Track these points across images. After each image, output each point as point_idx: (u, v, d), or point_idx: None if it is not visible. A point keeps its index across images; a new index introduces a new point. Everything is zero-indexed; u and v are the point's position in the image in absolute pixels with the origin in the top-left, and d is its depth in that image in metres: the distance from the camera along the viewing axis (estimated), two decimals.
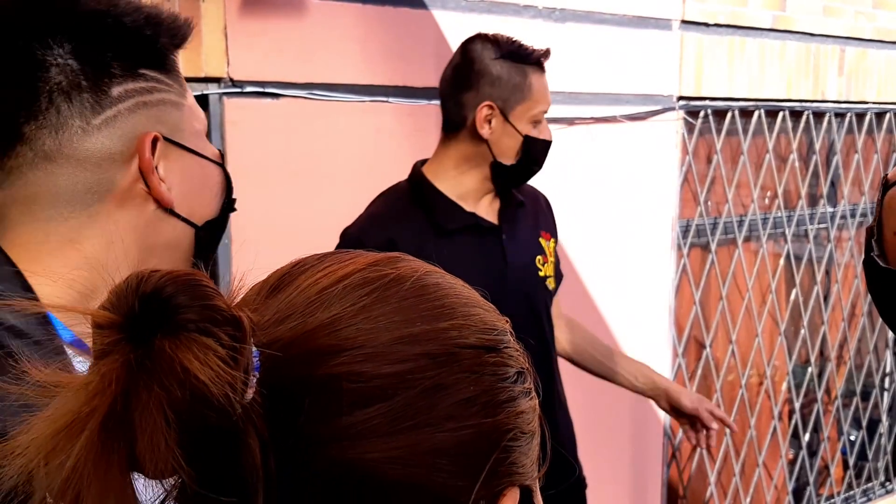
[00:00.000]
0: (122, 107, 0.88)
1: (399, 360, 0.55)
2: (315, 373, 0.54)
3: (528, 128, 1.99)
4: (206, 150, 0.97)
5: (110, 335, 0.51)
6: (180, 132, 0.93)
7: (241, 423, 0.51)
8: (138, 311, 0.50)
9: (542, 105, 2.00)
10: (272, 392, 0.52)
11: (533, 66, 1.99)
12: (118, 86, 0.88)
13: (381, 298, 0.57)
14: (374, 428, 0.53)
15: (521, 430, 0.59)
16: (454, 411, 0.55)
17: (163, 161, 0.91)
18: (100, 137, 0.87)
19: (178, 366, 0.49)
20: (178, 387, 0.49)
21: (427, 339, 0.56)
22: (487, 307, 0.62)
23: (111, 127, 0.88)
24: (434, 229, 1.96)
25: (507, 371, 0.59)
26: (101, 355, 0.51)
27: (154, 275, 0.52)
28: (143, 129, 0.89)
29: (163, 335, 0.50)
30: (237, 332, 0.51)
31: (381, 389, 0.54)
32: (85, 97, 0.86)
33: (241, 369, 0.51)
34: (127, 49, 0.89)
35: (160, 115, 0.91)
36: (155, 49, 0.92)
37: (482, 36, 2.01)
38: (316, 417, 0.53)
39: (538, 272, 2.10)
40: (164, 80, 0.93)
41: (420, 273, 0.60)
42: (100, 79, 0.87)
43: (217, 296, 0.52)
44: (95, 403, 0.49)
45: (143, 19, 0.90)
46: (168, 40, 0.93)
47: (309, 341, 0.54)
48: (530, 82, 1.98)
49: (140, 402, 0.49)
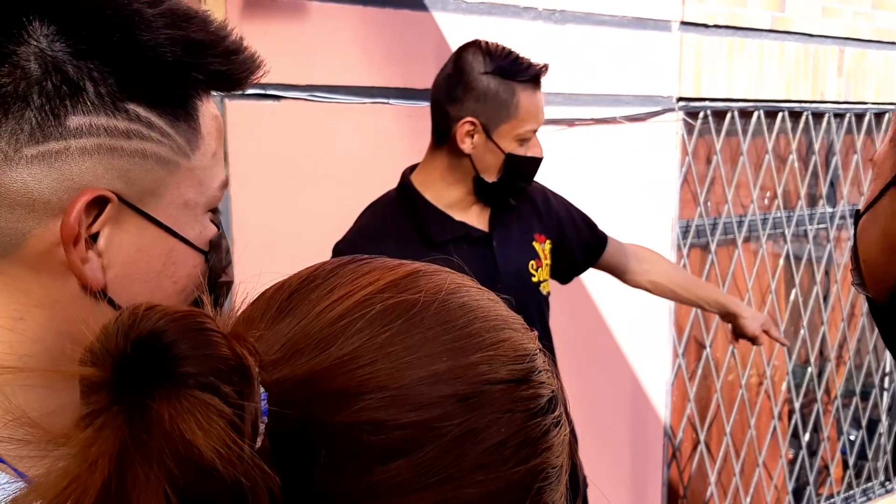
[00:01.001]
0: (75, 144, 0.65)
1: (424, 405, 0.49)
2: (332, 419, 0.48)
3: (512, 146, 1.93)
4: (187, 229, 0.73)
5: (98, 397, 0.44)
6: (154, 198, 0.69)
7: (251, 492, 0.45)
8: (131, 359, 0.44)
9: (529, 124, 1.93)
10: (284, 440, 0.47)
11: (524, 84, 1.91)
12: (81, 115, 0.65)
13: (402, 330, 0.51)
14: (397, 486, 0.48)
15: (552, 465, 0.54)
16: (484, 459, 0.50)
17: (110, 229, 0.67)
18: (24, 174, 0.64)
19: (178, 438, 0.43)
20: (179, 464, 0.43)
21: (454, 377, 0.50)
22: (516, 324, 0.57)
23: (46, 165, 0.64)
24: (424, 242, 1.94)
25: (539, 402, 0.54)
26: (90, 418, 0.44)
27: (150, 314, 0.46)
28: (89, 182, 0.65)
29: (160, 396, 0.44)
30: (244, 383, 0.46)
31: (405, 441, 0.48)
32: (28, 116, 0.63)
33: (249, 427, 0.45)
34: (124, 71, 0.66)
35: (128, 170, 0.67)
36: (174, 84, 0.69)
37: (477, 45, 1.94)
38: (333, 472, 0.48)
39: (531, 278, 2.08)
40: (159, 126, 0.69)
41: (444, 294, 0.53)
42: (59, 98, 0.64)
43: (221, 340, 0.47)
44: (86, 482, 0.43)
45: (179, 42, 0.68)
46: (204, 78, 0.71)
47: (324, 382, 0.49)
48: (518, 101, 1.90)
49: (137, 481, 0.43)
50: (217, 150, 0.75)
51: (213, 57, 0.70)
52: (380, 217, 2.01)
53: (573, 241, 2.23)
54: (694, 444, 3.69)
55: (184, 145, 0.71)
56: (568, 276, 2.31)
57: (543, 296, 2.11)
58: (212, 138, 0.74)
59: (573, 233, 2.24)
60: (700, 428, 3.65)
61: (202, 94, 0.72)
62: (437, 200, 1.99)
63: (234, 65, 0.72)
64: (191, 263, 0.74)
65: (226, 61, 0.71)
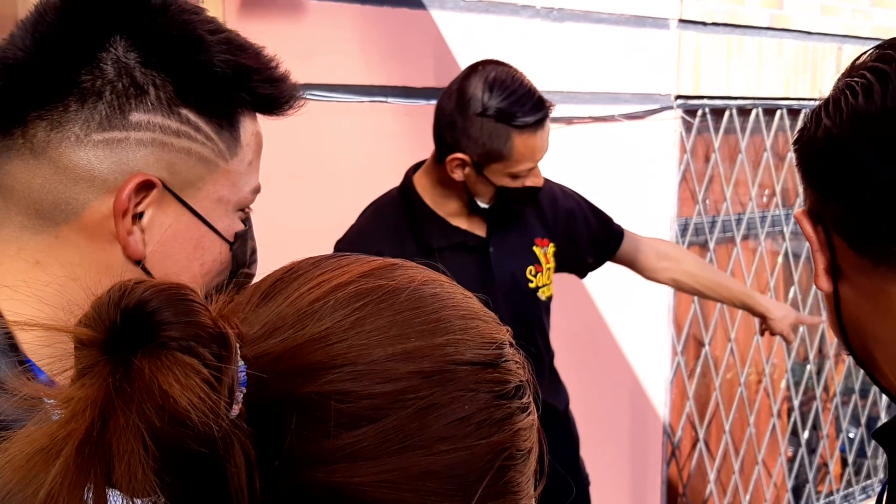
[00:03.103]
0: (134, 135, 0.79)
1: (391, 379, 0.53)
2: (303, 390, 0.52)
3: (504, 181, 1.90)
4: (218, 221, 0.85)
5: (90, 353, 0.49)
6: (193, 190, 0.83)
7: (225, 445, 0.49)
8: (119, 325, 0.49)
9: (524, 165, 1.89)
10: (259, 409, 0.51)
11: (523, 132, 1.85)
12: (142, 113, 0.79)
13: (374, 312, 0.54)
14: (363, 451, 0.51)
15: (518, 448, 0.57)
16: (447, 432, 0.53)
17: (153, 210, 0.81)
18: (90, 154, 0.78)
19: (157, 389, 0.47)
20: (156, 412, 0.47)
21: (421, 355, 0.54)
22: (487, 317, 0.59)
23: (109, 149, 0.79)
24: (420, 247, 1.93)
25: (505, 387, 0.57)
26: (81, 374, 0.49)
27: (138, 287, 0.50)
28: (141, 168, 0.80)
29: (143, 355, 0.48)
30: (223, 349, 0.50)
31: (371, 410, 0.52)
32: (100, 108, 0.78)
33: (226, 389, 0.49)
34: (182, 82, 0.80)
35: (174, 163, 0.81)
36: (222, 98, 0.83)
37: (485, 73, 1.87)
38: (303, 438, 0.51)
39: (528, 284, 2.06)
40: (205, 131, 0.82)
41: (417, 283, 0.57)
42: (126, 97, 0.78)
43: (203, 310, 0.51)
44: (72, 426, 0.48)
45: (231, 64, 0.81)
46: (250, 98, 0.84)
47: (298, 357, 0.52)
48: (512, 145, 1.85)
49: (118, 427, 0.47)
50: (254, 160, 0.88)
51: (259, 82, 0.84)
52: (379, 218, 2.01)
53: (584, 236, 2.20)
54: (693, 442, 3.69)
55: (224, 150, 0.84)
56: (582, 271, 2.29)
57: (542, 301, 2.09)
58: (250, 150, 0.87)
59: (584, 228, 2.20)
60: (699, 426, 3.65)
61: (247, 111, 0.86)
62: (436, 207, 1.99)
63: (276, 91, 0.85)
64: (217, 251, 0.86)
65: (269, 87, 0.85)
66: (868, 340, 0.86)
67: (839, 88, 0.82)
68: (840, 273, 0.86)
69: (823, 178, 0.84)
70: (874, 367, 0.88)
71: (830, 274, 0.86)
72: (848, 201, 0.82)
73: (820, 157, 0.83)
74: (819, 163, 0.84)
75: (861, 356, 0.89)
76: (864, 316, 0.85)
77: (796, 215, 0.88)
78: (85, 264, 0.80)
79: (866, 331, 0.86)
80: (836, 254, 0.85)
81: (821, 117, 0.83)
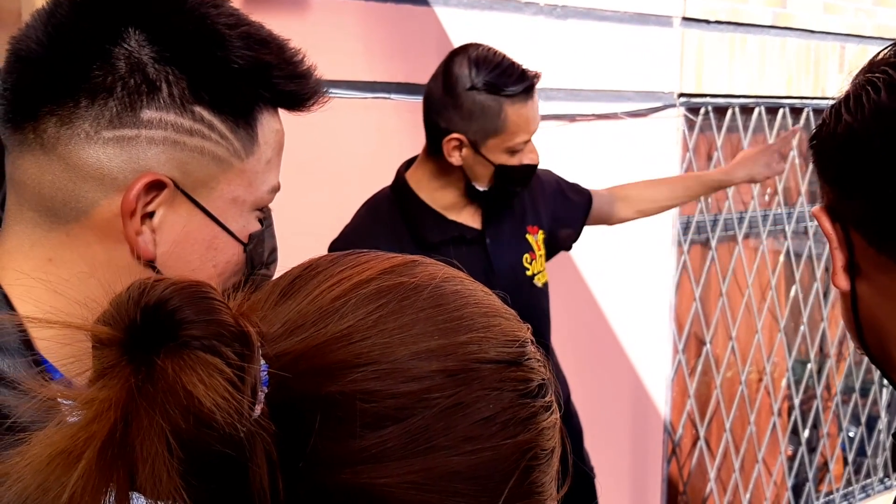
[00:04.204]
0: (145, 133, 0.77)
1: (415, 378, 0.52)
2: (326, 390, 0.51)
3: (503, 158, 1.91)
4: (232, 222, 0.83)
5: (110, 353, 0.48)
6: (206, 190, 0.80)
7: (249, 446, 0.48)
8: (140, 324, 0.48)
9: (520, 136, 1.90)
10: (282, 409, 0.50)
11: (512, 98, 1.87)
12: (154, 111, 0.76)
13: (396, 310, 0.53)
14: (388, 451, 0.50)
15: (542, 447, 0.56)
16: (472, 432, 0.52)
17: (164, 210, 0.79)
18: (100, 152, 0.76)
19: (181, 390, 0.46)
20: (181, 413, 0.46)
21: (445, 354, 0.53)
22: (508, 314, 0.59)
23: (119, 147, 0.76)
24: (417, 243, 1.94)
25: (529, 385, 0.56)
26: (101, 374, 0.48)
27: (158, 284, 0.49)
28: (152, 167, 0.77)
29: (166, 354, 0.47)
30: (245, 348, 0.49)
31: (396, 410, 0.51)
32: (110, 105, 0.76)
33: (249, 389, 0.48)
34: (196, 79, 0.78)
35: (186, 162, 0.78)
36: (239, 96, 0.80)
37: (466, 54, 1.90)
38: (327, 438, 0.50)
39: (526, 272, 2.07)
40: (220, 129, 0.79)
41: (438, 280, 0.56)
42: (138, 93, 0.76)
43: (224, 308, 0.50)
44: (94, 429, 0.47)
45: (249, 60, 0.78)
46: (270, 95, 0.82)
47: (320, 355, 0.51)
48: (505, 116, 1.87)
49: (141, 428, 0.46)
50: (273, 159, 0.85)
51: (281, 78, 0.81)
52: (375, 216, 2.01)
53: (565, 210, 2.24)
54: (694, 441, 3.70)
55: (240, 149, 0.81)
56: (568, 244, 2.32)
57: (539, 288, 2.11)
58: (269, 148, 0.84)
59: (567, 205, 2.25)
60: (700, 424, 3.65)
61: (267, 108, 0.83)
62: (431, 201, 1.99)
63: (299, 87, 0.83)
64: (230, 251, 0.83)
65: (291, 83, 0.82)
66: (886, 338, 0.86)
67: (860, 84, 0.82)
68: (858, 271, 0.85)
69: (843, 175, 0.83)
70: (890, 365, 0.87)
71: (848, 272, 0.86)
72: (868, 197, 0.81)
73: (840, 152, 0.83)
74: (839, 159, 0.83)
75: (876, 354, 0.88)
76: (883, 314, 0.84)
77: (814, 212, 0.87)
78: (97, 263, 0.78)
79: (884, 329, 0.85)
80: (854, 251, 0.84)
81: (841, 113, 0.83)
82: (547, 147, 2.95)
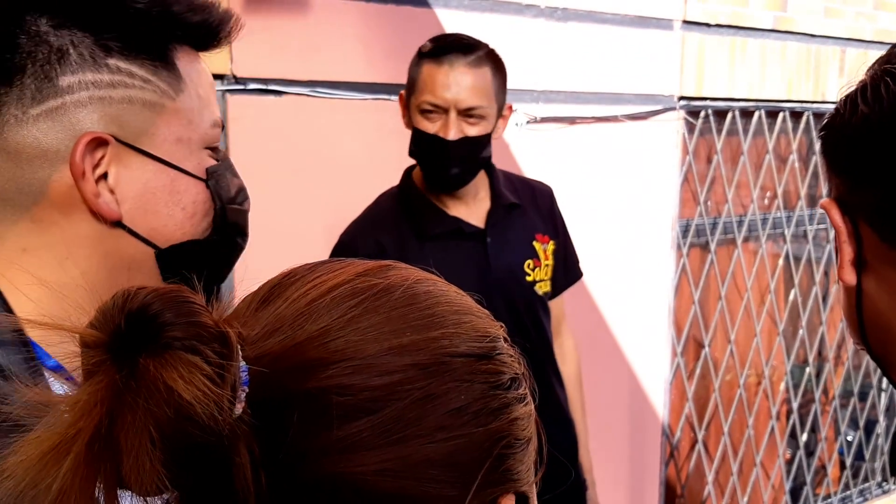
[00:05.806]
0: (69, 99, 0.77)
1: (388, 372, 0.54)
2: (304, 386, 0.53)
3: (417, 118, 1.95)
4: (184, 161, 0.84)
5: (97, 355, 0.50)
6: (147, 137, 0.81)
7: (230, 440, 0.51)
8: (124, 329, 0.50)
9: (424, 95, 1.92)
10: (262, 407, 0.52)
11: (426, 58, 1.94)
12: (70, 75, 0.77)
13: (370, 309, 0.56)
14: (364, 441, 0.53)
15: (516, 436, 0.59)
16: (444, 421, 0.55)
17: (115, 167, 0.79)
18: (33, 130, 0.77)
19: (162, 385, 0.49)
20: (162, 407, 0.49)
21: (416, 349, 0.56)
22: (480, 313, 0.61)
23: (50, 120, 0.77)
24: (417, 234, 1.97)
25: (500, 378, 0.59)
26: (88, 375, 0.51)
27: (140, 292, 0.52)
28: (88, 128, 0.78)
29: (148, 354, 0.49)
30: (224, 348, 0.51)
31: (370, 402, 0.54)
32: (27, 82, 0.76)
33: (229, 386, 0.50)
34: (100, 33, 0.78)
35: (119, 115, 0.79)
36: (149, 38, 0.81)
37: None
38: (305, 432, 0.53)
39: (525, 277, 2.07)
40: (140, 75, 0.80)
41: (410, 281, 0.59)
42: (49, 63, 0.76)
43: (203, 312, 0.52)
44: (81, 425, 0.49)
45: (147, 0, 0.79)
46: (181, 32, 0.83)
47: (297, 354, 0.54)
48: (419, 71, 1.95)
49: (125, 422, 0.49)
50: (206, 94, 0.86)
51: (185, 11, 0.82)
52: (378, 209, 2.05)
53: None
54: (692, 444, 3.70)
55: (167, 89, 0.82)
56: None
57: (538, 296, 2.10)
58: (197, 84, 0.85)
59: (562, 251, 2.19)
60: (698, 427, 3.65)
61: (182, 47, 0.83)
62: (433, 196, 2.02)
63: (205, 16, 0.83)
64: (193, 191, 0.84)
65: (196, 14, 0.83)
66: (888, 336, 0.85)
67: (877, 75, 0.81)
68: (865, 266, 0.84)
69: (856, 164, 0.82)
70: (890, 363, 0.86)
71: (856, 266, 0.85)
72: (882, 188, 0.80)
73: (854, 142, 0.82)
74: (853, 148, 0.82)
75: (877, 352, 0.87)
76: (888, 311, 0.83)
77: (823, 204, 0.86)
78: (69, 240, 0.79)
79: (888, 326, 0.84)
80: (862, 245, 0.83)
81: (857, 103, 0.82)
82: (547, 149, 2.96)
